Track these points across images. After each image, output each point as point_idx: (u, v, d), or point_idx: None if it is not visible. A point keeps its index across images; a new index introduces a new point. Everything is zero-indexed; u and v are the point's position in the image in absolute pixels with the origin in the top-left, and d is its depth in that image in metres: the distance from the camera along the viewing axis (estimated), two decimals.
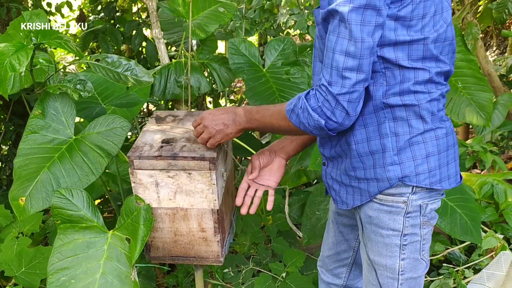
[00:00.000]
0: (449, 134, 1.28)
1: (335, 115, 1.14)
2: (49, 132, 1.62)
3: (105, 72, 1.58)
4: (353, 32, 1.07)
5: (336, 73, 1.11)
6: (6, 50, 1.47)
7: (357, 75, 1.11)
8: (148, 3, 2.58)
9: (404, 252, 1.30)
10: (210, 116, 1.38)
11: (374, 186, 1.26)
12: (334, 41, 1.11)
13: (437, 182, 1.25)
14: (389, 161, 1.23)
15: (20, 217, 1.47)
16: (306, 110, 1.17)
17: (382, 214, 1.28)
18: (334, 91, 1.11)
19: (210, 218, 1.49)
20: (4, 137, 3.18)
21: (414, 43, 1.15)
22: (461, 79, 2.37)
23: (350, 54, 1.09)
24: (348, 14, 1.06)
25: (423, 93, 1.20)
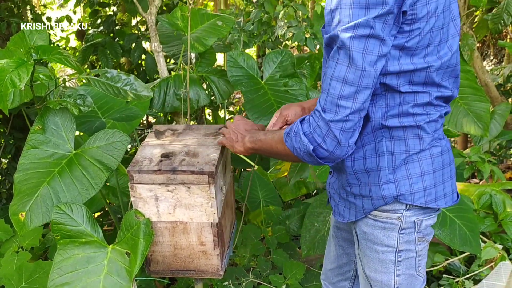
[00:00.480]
0: (444, 153, 1.26)
1: (326, 142, 1.11)
2: (49, 147, 1.63)
3: (105, 87, 1.60)
4: (354, 59, 1.04)
5: (331, 100, 1.09)
6: (6, 66, 1.48)
7: (352, 104, 1.07)
8: (148, 17, 2.60)
9: (399, 268, 1.30)
10: (238, 122, 1.48)
11: (368, 204, 1.26)
12: (333, 67, 1.08)
13: (432, 201, 1.24)
14: (384, 180, 1.22)
15: (20, 232, 1.47)
16: (298, 134, 1.15)
17: (377, 230, 1.28)
18: (327, 118, 1.09)
19: (209, 232, 1.49)
20: (4, 150, 3.18)
21: (417, 71, 1.14)
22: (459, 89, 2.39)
23: (348, 82, 1.06)
24: (350, 41, 1.03)
25: (421, 115, 1.19)
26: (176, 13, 2.57)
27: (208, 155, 1.47)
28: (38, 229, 2.01)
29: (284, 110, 1.48)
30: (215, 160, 1.44)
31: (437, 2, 1.08)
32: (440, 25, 1.11)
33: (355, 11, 1.02)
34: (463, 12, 2.63)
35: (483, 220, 2.08)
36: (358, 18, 1.02)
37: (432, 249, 2.12)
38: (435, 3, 1.08)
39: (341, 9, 1.04)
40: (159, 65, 2.67)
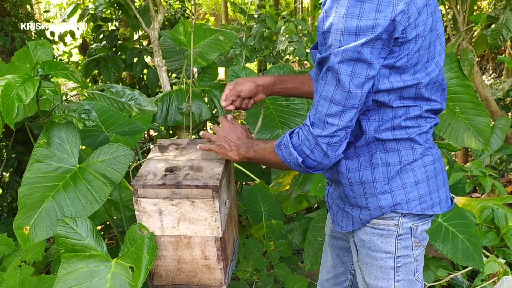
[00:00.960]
0: (436, 161, 1.30)
1: (314, 154, 1.18)
2: (54, 161, 1.63)
3: (110, 102, 1.61)
4: (341, 82, 1.10)
5: (319, 117, 1.15)
6: (13, 81, 1.50)
7: (339, 122, 1.14)
8: (150, 32, 2.63)
9: (399, 274, 1.32)
10: (227, 129, 1.44)
11: (366, 214, 1.30)
12: (322, 86, 1.14)
13: (428, 208, 1.28)
14: (380, 190, 1.26)
15: (24, 246, 1.47)
16: (288, 147, 1.22)
17: (375, 237, 1.31)
18: (315, 133, 1.16)
19: (213, 246, 1.50)
20: (6, 164, 3.19)
21: (406, 88, 1.18)
22: (459, 104, 2.41)
23: (335, 101, 1.12)
24: (338, 64, 1.08)
25: (413, 127, 1.24)
26: (179, 28, 2.60)
27: (212, 169, 1.48)
28: (41, 243, 2.00)
29: (238, 85, 1.49)
30: (219, 174, 1.45)
31: (424, 24, 1.12)
32: (427, 44, 1.15)
33: (345, 37, 1.06)
34: (462, 28, 2.67)
35: (485, 234, 2.08)
36: (348, 44, 1.06)
37: (434, 263, 2.11)
38: (423, 26, 1.12)
39: (332, 33, 1.08)
40: (162, 79, 2.70)
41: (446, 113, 2.36)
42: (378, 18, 1.04)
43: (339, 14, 1.06)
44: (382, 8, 1.04)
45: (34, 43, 2.18)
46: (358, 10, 1.04)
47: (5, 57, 3.19)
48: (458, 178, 2.21)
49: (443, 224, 1.81)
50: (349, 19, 1.05)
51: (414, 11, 1.08)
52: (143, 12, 3.45)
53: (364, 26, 1.04)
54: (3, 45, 3.15)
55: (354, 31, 1.05)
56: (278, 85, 1.52)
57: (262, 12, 3.34)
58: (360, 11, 1.04)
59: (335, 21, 1.07)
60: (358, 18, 1.04)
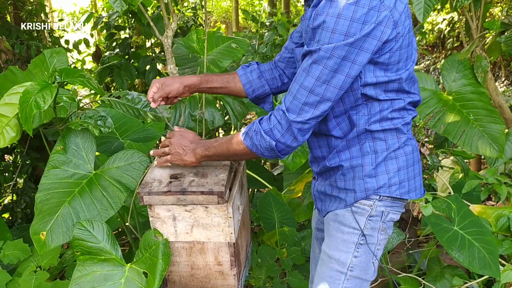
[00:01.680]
0: (414, 151, 1.42)
1: (284, 137, 1.26)
2: (70, 167, 1.65)
3: (126, 108, 1.63)
4: (324, 75, 1.19)
5: (296, 104, 1.23)
6: (31, 89, 1.52)
7: (314, 112, 1.23)
8: (164, 40, 2.66)
9: (358, 251, 1.41)
10: (178, 136, 1.48)
11: (351, 197, 1.40)
12: (304, 76, 1.21)
13: (406, 193, 1.40)
14: (367, 174, 1.37)
15: (40, 251, 1.49)
16: (259, 132, 1.28)
17: (348, 213, 1.41)
18: (290, 118, 1.23)
19: (226, 252, 1.50)
20: (21, 170, 3.22)
21: (390, 82, 1.29)
22: (473, 111, 2.39)
23: (314, 92, 1.21)
24: (326, 60, 1.17)
25: (398, 118, 1.36)
26: (192, 36, 2.62)
27: (217, 176, 1.48)
28: (57, 248, 2.02)
29: (166, 86, 1.53)
30: (224, 180, 1.45)
31: (403, 25, 1.22)
32: (406, 44, 1.25)
33: (336, 35, 1.14)
34: (476, 34, 2.65)
35: (501, 243, 2.05)
36: (337, 42, 1.15)
37: (450, 272, 2.09)
38: (402, 26, 1.21)
39: (323, 30, 1.16)
40: None
41: (460, 120, 2.34)
42: (367, 23, 1.14)
43: (332, 14, 1.14)
44: (371, 13, 1.13)
45: (50, 51, 2.21)
46: (351, 12, 1.12)
47: (20, 65, 3.24)
48: (473, 186, 2.18)
49: (459, 232, 1.79)
50: (341, 19, 1.13)
51: (397, 15, 1.18)
52: (156, 20, 3.49)
53: (354, 28, 1.13)
54: (19, 53, 3.20)
55: (344, 31, 1.13)
56: (204, 84, 1.58)
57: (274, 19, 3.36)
58: (353, 14, 1.12)
59: (327, 19, 1.14)
60: (350, 20, 1.13)
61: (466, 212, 1.88)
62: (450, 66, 2.52)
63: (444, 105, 2.39)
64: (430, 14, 2.28)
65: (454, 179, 2.61)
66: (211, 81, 1.58)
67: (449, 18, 7.18)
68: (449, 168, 2.71)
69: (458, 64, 2.52)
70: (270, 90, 1.63)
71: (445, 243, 1.73)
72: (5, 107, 1.69)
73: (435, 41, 7.69)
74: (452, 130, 2.33)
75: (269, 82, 1.61)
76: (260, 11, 3.51)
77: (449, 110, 2.38)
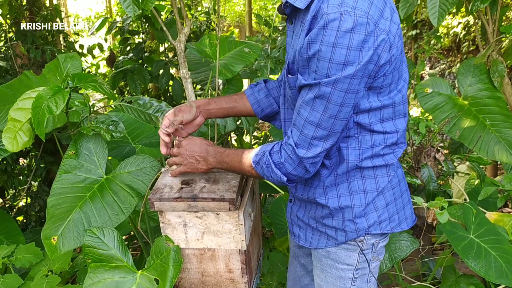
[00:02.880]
0: (401, 181, 1.39)
1: (297, 171, 1.24)
2: (82, 172, 1.66)
3: (137, 113, 1.63)
4: (330, 110, 1.14)
5: (304, 139, 1.20)
6: (44, 93, 1.53)
7: (323, 145, 1.20)
8: (177, 45, 2.66)
9: (355, 284, 1.42)
10: (187, 146, 1.45)
11: (342, 236, 1.37)
12: (308, 111, 1.17)
13: (396, 226, 1.38)
14: (357, 215, 1.33)
15: (52, 256, 1.49)
16: (270, 165, 1.26)
17: (340, 250, 1.39)
18: (300, 154, 1.21)
19: (237, 259, 1.48)
20: (35, 174, 3.25)
21: (384, 108, 1.24)
22: (489, 116, 2.34)
23: (321, 127, 1.17)
24: (329, 95, 1.12)
25: (389, 154, 1.32)
26: (204, 40, 2.62)
27: (228, 182, 1.47)
28: (68, 253, 2.02)
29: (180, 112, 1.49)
30: (235, 186, 1.43)
31: (396, 47, 1.17)
32: (398, 64, 1.21)
33: (334, 65, 1.08)
34: (492, 38, 2.60)
35: None
36: (335, 73, 1.08)
37: (466, 281, 2.05)
38: (395, 48, 1.16)
39: (319, 60, 1.09)
40: (187, 91, 2.71)
41: (476, 125, 2.30)
42: (364, 49, 1.07)
43: (327, 43, 1.07)
44: (368, 38, 1.07)
45: (64, 55, 2.23)
46: (347, 40, 1.05)
47: (35, 69, 3.28)
48: (490, 193, 2.13)
49: (475, 240, 1.75)
50: (338, 49, 1.06)
51: (391, 37, 1.13)
52: (169, 25, 3.50)
53: (352, 56, 1.07)
54: (34, 57, 3.24)
55: (342, 61, 1.07)
56: (213, 105, 1.55)
57: None
58: (349, 41, 1.06)
59: (322, 49, 1.08)
60: (347, 48, 1.06)
61: (482, 220, 1.84)
62: (465, 70, 2.48)
63: (459, 110, 2.35)
64: (445, 18, 2.24)
65: (469, 186, 2.56)
66: (219, 102, 1.56)
67: (464, 22, 7.10)
68: (465, 174, 2.66)
69: (474, 69, 2.48)
70: (279, 108, 1.59)
71: (460, 251, 1.70)
72: (18, 112, 1.70)
73: (450, 45, 7.60)
74: (468, 135, 2.28)
75: (277, 100, 1.58)
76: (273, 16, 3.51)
77: (464, 115, 2.34)
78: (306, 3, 1.14)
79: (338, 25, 1.05)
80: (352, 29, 1.05)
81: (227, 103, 1.56)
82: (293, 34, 1.26)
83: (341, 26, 1.05)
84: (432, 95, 2.41)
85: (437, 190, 2.26)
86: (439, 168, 2.44)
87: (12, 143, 1.70)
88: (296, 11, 1.22)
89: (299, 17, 1.21)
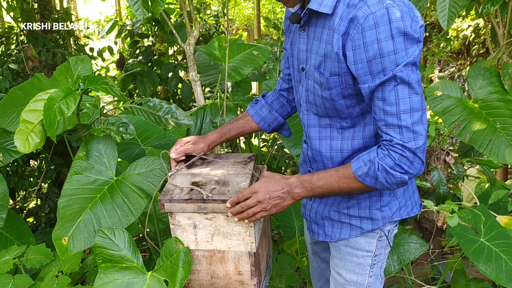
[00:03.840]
0: None
1: (414, 166, 1.20)
2: (92, 173, 1.67)
3: (147, 115, 1.64)
4: (414, 89, 1.16)
5: (407, 131, 1.18)
6: (55, 95, 1.55)
7: (422, 126, 1.19)
8: (186, 48, 2.68)
9: (373, 270, 1.46)
10: (264, 189, 1.31)
11: (368, 224, 1.40)
12: (395, 105, 1.17)
13: (410, 211, 1.44)
14: (385, 203, 1.37)
15: (62, 256, 1.50)
16: (384, 170, 1.20)
17: (360, 238, 1.42)
18: (412, 147, 1.18)
19: (247, 261, 1.48)
20: (45, 175, 3.28)
21: None
22: (500, 119, 2.33)
23: (414, 109, 1.17)
24: (408, 77, 1.14)
25: None
26: (213, 43, 2.63)
27: (238, 184, 1.47)
28: (78, 253, 2.04)
29: (193, 145, 1.58)
30: (245, 188, 1.43)
31: None
32: None
33: (399, 54, 1.13)
34: (502, 41, 2.59)
35: None
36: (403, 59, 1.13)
37: (476, 285, 2.03)
38: None
39: (383, 58, 1.13)
40: (196, 93, 2.73)
41: (486, 128, 2.28)
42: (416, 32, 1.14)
43: (385, 39, 1.12)
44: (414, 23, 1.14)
45: (75, 58, 2.25)
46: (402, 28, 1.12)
47: (46, 72, 3.31)
48: (500, 196, 2.12)
49: (485, 243, 1.74)
50: (397, 38, 1.12)
51: None
52: (178, 28, 3.53)
53: (408, 39, 1.13)
54: (45, 60, 3.27)
55: (403, 47, 1.13)
56: (224, 137, 1.63)
57: None
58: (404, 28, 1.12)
59: (383, 46, 1.12)
60: (404, 35, 1.12)
61: (493, 223, 1.83)
62: (476, 73, 2.47)
63: (469, 113, 2.34)
64: (455, 21, 2.23)
65: (480, 189, 2.54)
66: (229, 133, 1.63)
67: (474, 25, 7.06)
68: (475, 178, 2.64)
69: (484, 71, 2.47)
70: (283, 119, 1.65)
71: (471, 255, 1.69)
72: (30, 114, 1.72)
73: (460, 47, 7.57)
74: (478, 138, 2.27)
75: (280, 111, 1.63)
76: (282, 19, 3.51)
77: (475, 118, 2.32)
78: (331, 7, 1.18)
79: (388, 18, 1.11)
80: (402, 18, 1.11)
81: (235, 130, 1.63)
82: (312, 40, 1.28)
83: (391, 19, 1.11)
84: (442, 98, 2.40)
85: (447, 194, 2.25)
86: (449, 172, 2.42)
87: (24, 145, 1.71)
88: (313, 18, 1.26)
89: (319, 23, 1.24)
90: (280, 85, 1.64)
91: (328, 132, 1.37)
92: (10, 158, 2.10)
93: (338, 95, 1.25)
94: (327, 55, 1.22)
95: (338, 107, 1.28)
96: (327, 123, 1.36)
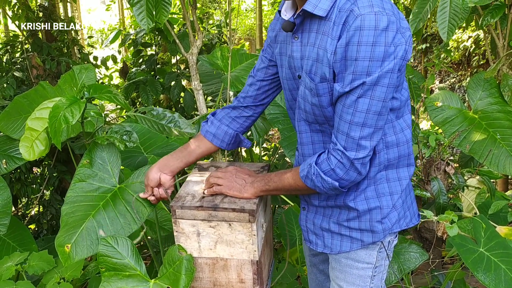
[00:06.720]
0: (408, 178, 1.43)
1: (349, 175, 1.25)
2: (95, 181, 1.68)
3: (151, 124, 1.66)
4: (374, 106, 1.17)
5: (352, 141, 1.21)
6: (60, 104, 1.57)
7: (370, 143, 1.22)
8: (189, 57, 2.71)
9: (373, 282, 1.47)
10: (235, 170, 1.48)
11: (368, 237, 1.39)
12: (351, 114, 1.19)
13: (409, 222, 1.45)
14: (385, 215, 1.38)
15: (65, 263, 1.51)
16: (318, 175, 1.27)
17: (360, 250, 1.42)
18: (351, 156, 1.22)
19: (249, 269, 1.49)
20: (48, 182, 3.30)
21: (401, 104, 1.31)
22: (500, 130, 2.35)
23: (367, 125, 1.19)
24: (372, 92, 1.15)
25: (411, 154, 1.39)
26: (216, 53, 2.66)
27: None
28: (80, 261, 2.04)
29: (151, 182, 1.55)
30: (256, 198, 1.45)
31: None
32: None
33: (374, 63, 1.12)
34: (502, 53, 2.62)
35: None
36: (375, 70, 1.13)
37: None
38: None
39: (358, 61, 1.13)
40: (199, 102, 2.75)
41: (486, 139, 2.30)
42: (399, 44, 1.14)
43: (366, 43, 1.11)
44: (399, 35, 1.13)
45: (79, 67, 2.28)
46: (384, 38, 1.11)
47: (51, 80, 3.34)
48: (500, 207, 2.13)
49: (485, 253, 1.75)
50: (377, 47, 1.11)
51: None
52: (181, 37, 3.56)
53: (389, 52, 1.12)
54: (49, 68, 3.30)
55: (381, 57, 1.12)
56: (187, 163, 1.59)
57: None
58: (385, 39, 1.11)
59: (362, 49, 1.12)
60: (385, 45, 1.11)
61: (493, 234, 1.84)
62: (476, 84, 2.49)
63: (470, 124, 2.36)
64: (455, 32, 2.26)
65: (480, 200, 2.55)
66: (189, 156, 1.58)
67: (474, 36, 7.10)
68: (475, 188, 2.65)
69: (484, 83, 2.49)
70: (236, 131, 1.60)
71: (470, 265, 1.69)
72: (35, 121, 1.74)
73: (460, 58, 7.61)
74: (478, 149, 2.29)
75: (231, 125, 1.59)
76: None
77: (475, 129, 2.34)
78: (326, 11, 1.19)
79: (374, 25, 1.10)
80: (387, 27, 1.11)
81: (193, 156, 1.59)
82: (306, 46, 1.27)
83: (377, 26, 1.10)
84: (442, 109, 2.42)
85: (447, 204, 2.26)
86: (449, 182, 2.44)
87: (28, 152, 1.73)
88: (305, 23, 1.26)
89: (313, 28, 1.24)
90: (246, 93, 1.58)
91: (321, 136, 1.39)
92: (14, 165, 2.11)
93: (327, 102, 1.26)
94: (318, 60, 1.22)
95: (327, 114, 1.29)
96: (318, 129, 1.38)
